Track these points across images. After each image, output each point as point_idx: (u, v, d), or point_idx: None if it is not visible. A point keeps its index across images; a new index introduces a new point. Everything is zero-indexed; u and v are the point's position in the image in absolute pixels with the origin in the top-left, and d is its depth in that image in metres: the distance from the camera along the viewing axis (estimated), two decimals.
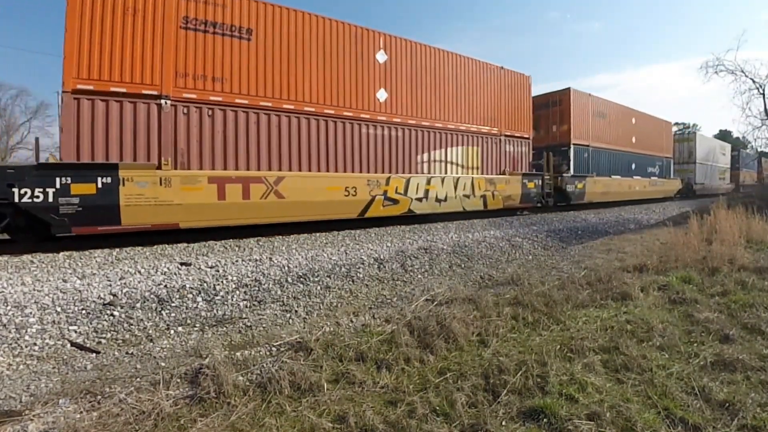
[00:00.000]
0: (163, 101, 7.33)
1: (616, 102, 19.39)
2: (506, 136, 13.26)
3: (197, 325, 4.62)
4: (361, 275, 6.46)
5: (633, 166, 20.00)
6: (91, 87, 6.80)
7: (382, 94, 10.22)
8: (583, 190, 15.89)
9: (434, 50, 11.45)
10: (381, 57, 10.28)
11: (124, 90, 7.04)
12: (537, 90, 16.40)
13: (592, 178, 16.53)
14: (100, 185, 6.48)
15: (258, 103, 8.34)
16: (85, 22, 6.73)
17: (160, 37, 7.33)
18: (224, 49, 7.97)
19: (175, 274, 5.59)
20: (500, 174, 12.99)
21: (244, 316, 4.89)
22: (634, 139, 20.28)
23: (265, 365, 2.88)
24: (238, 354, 3.16)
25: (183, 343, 4.10)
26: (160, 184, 6.96)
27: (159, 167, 7.10)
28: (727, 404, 2.41)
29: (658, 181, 22.46)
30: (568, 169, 15.84)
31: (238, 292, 5.39)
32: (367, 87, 9.95)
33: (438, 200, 11.09)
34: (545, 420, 2.26)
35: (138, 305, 4.73)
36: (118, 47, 7.00)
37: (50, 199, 6.15)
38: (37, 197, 6.08)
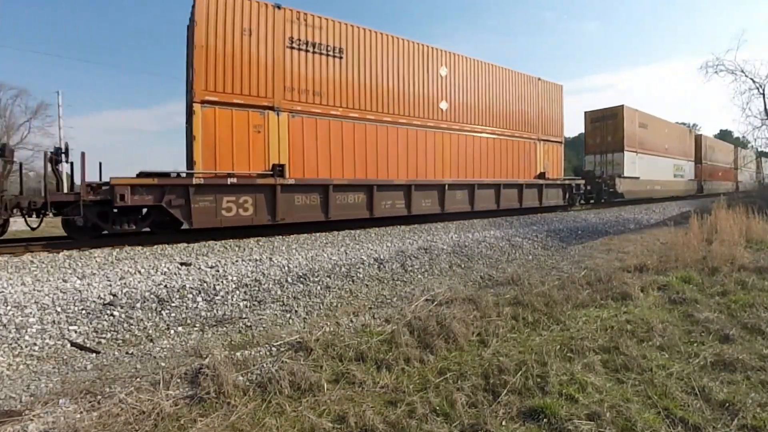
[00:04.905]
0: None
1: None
2: None
3: (197, 325, 4.62)
4: (361, 275, 6.46)
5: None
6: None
7: None
8: None
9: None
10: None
11: None
12: None
13: None
14: None
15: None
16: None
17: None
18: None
19: (175, 274, 5.59)
20: None
21: (244, 316, 4.89)
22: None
23: (265, 365, 2.88)
24: (238, 354, 3.16)
25: (183, 343, 4.10)
26: None
27: None
28: (727, 404, 2.41)
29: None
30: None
31: (238, 292, 5.39)
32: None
33: None
34: (545, 420, 2.25)
35: (138, 305, 4.72)
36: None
37: None
38: None
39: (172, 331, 4.44)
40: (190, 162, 7.98)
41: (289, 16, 8.69)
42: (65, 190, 7.61)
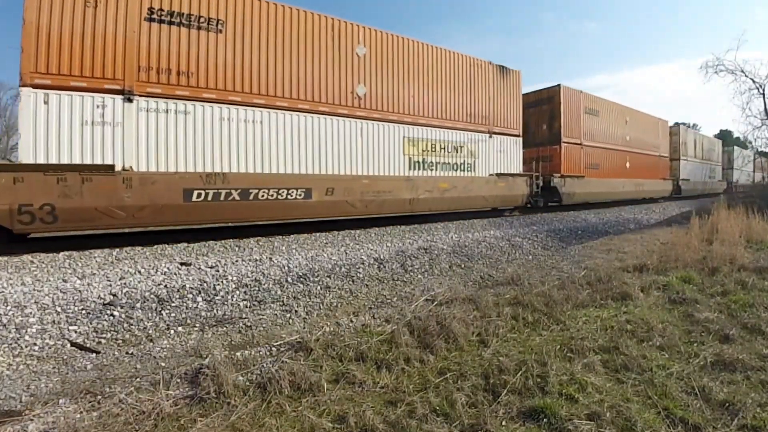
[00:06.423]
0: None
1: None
2: None
3: (197, 325, 4.62)
4: (361, 275, 6.46)
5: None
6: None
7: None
8: None
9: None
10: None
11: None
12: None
13: None
14: None
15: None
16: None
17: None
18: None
19: (175, 274, 5.59)
20: None
21: (244, 316, 4.89)
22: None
23: (265, 365, 2.88)
24: (238, 354, 3.16)
25: (183, 343, 4.10)
26: None
27: None
28: (727, 404, 2.41)
29: None
30: None
31: (238, 292, 5.39)
32: None
33: None
34: (545, 420, 2.25)
35: (138, 305, 4.72)
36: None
37: None
38: None
39: (172, 331, 4.44)
40: None
41: None
42: None
